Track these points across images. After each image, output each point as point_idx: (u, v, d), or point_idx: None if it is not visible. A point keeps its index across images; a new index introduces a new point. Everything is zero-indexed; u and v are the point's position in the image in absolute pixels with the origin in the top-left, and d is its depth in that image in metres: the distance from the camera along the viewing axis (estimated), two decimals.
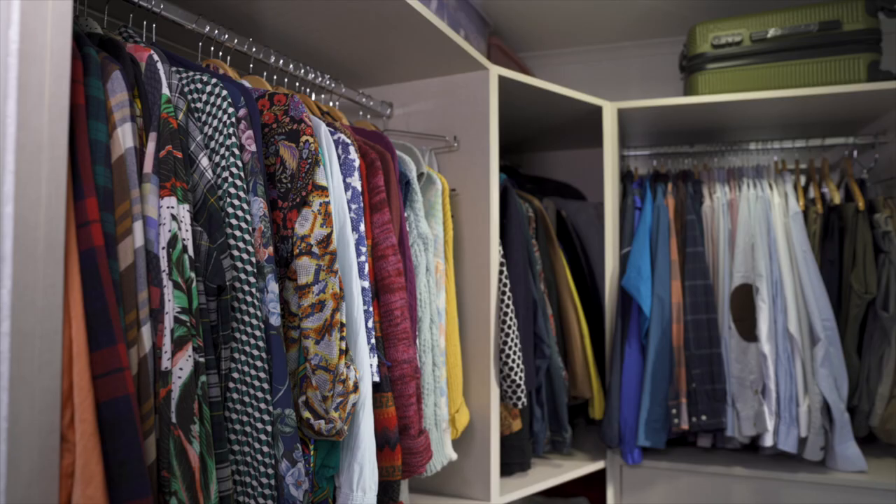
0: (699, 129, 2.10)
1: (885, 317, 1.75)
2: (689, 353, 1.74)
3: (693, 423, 1.72)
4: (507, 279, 1.60)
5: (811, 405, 1.69)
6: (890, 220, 1.77)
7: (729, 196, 1.87)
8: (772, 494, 1.75)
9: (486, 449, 1.57)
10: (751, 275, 1.76)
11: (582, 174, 2.39)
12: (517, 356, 1.57)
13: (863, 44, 1.77)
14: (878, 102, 1.81)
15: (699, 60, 1.93)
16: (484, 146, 1.61)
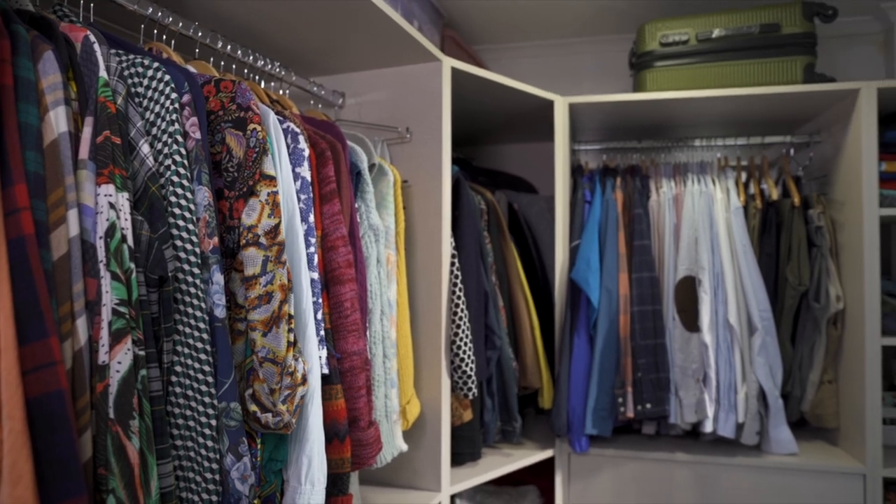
0: (647, 125, 2.15)
1: (816, 308, 1.84)
2: (636, 344, 1.78)
3: (638, 412, 1.78)
4: (459, 271, 1.61)
5: (748, 392, 1.76)
6: (822, 216, 1.86)
7: (674, 191, 1.92)
8: (711, 478, 1.82)
9: (436, 440, 1.58)
10: (694, 267, 1.82)
11: (534, 167, 2.42)
12: (468, 347, 1.58)
13: (800, 47, 1.85)
14: (814, 103, 1.89)
15: (648, 58, 1.98)
16: (436, 138, 1.61)
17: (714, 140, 2.09)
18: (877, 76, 2.21)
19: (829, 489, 1.74)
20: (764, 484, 1.78)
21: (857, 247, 1.75)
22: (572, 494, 1.91)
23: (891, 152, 1.79)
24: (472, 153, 2.53)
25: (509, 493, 2.00)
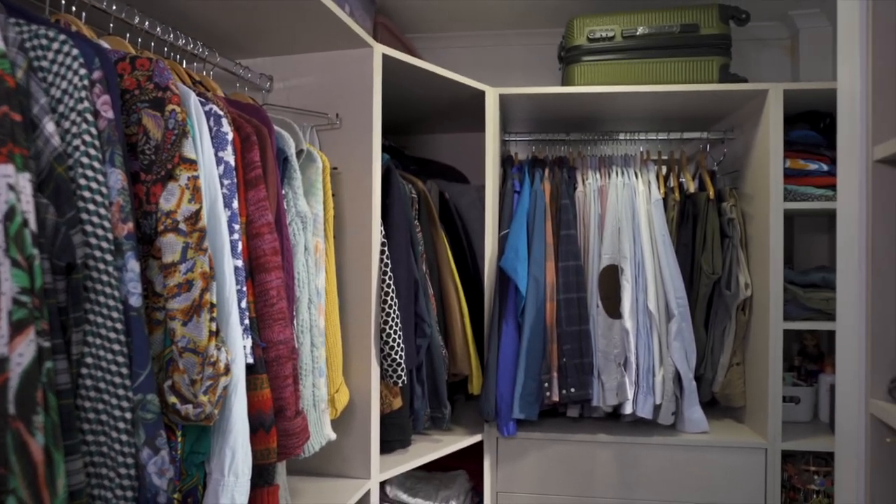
0: (575, 118, 2.21)
1: (727, 295, 1.95)
2: (561, 330, 1.84)
3: (563, 395, 1.83)
4: (389, 259, 1.60)
5: (665, 375, 1.85)
6: (734, 209, 1.97)
7: (600, 182, 1.98)
8: (631, 457, 1.91)
9: (366, 427, 1.58)
10: (617, 256, 1.89)
11: (465, 157, 2.43)
12: (398, 335, 1.59)
13: (716, 48, 1.94)
14: (728, 102, 1.99)
15: (576, 52, 2.03)
16: (367, 125, 1.59)
17: (637, 134, 2.17)
18: (784, 78, 2.35)
19: (736, 462, 1.86)
20: (678, 460, 1.89)
21: (764, 238, 1.87)
22: (500, 477, 1.95)
23: (795, 150, 1.91)
24: (405, 142, 2.53)
25: (439, 479, 2.02)
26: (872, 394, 0.98)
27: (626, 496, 1.90)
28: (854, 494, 1.03)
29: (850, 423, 1.05)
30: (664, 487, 1.89)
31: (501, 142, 2.16)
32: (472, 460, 2.02)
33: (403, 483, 1.93)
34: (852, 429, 1.04)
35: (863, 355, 1.01)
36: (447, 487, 1.96)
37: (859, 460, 1.01)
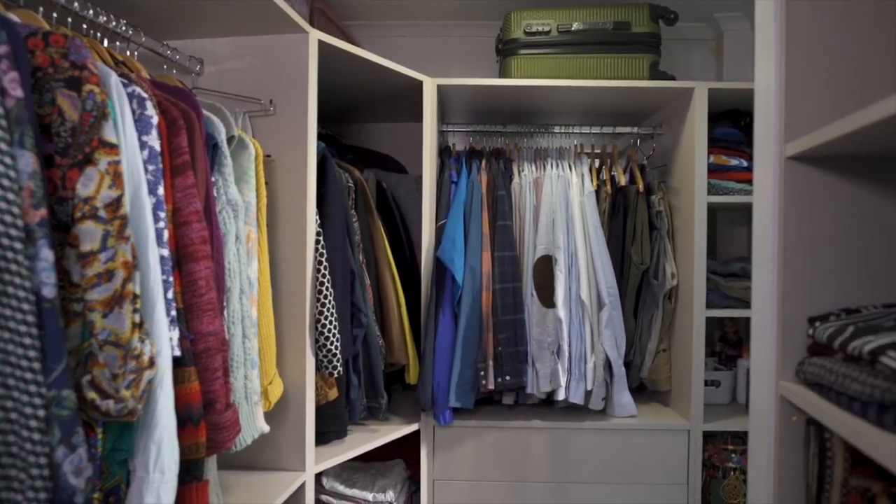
0: (512, 110, 2.24)
1: (655, 284, 2.03)
2: (497, 320, 1.87)
3: (498, 383, 1.87)
4: (324, 249, 1.58)
5: (596, 362, 1.91)
6: (662, 202, 2.05)
7: (535, 174, 2.02)
8: (563, 441, 1.96)
9: (300, 419, 1.57)
10: (551, 247, 1.93)
11: (404, 147, 2.42)
12: (333, 325, 1.57)
13: (646, 45, 2.01)
14: (657, 99, 2.07)
15: (513, 45, 2.05)
16: (302, 112, 1.56)
17: (572, 128, 2.22)
18: (709, 78, 2.46)
19: (661, 443, 1.95)
20: (608, 443, 1.96)
21: (689, 230, 1.96)
22: (437, 465, 1.97)
23: (718, 146, 2.01)
24: (342, 130, 2.49)
25: (376, 469, 2.03)
26: (782, 376, 1.05)
27: (558, 479, 1.96)
28: (764, 470, 1.10)
29: (762, 403, 1.12)
30: (595, 469, 1.96)
31: (439, 132, 2.16)
32: (410, 449, 2.03)
33: (340, 474, 1.92)
34: (764, 409, 1.11)
35: (774, 340, 1.07)
36: (384, 477, 1.97)
37: (769, 438, 1.08)
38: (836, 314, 0.99)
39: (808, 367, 0.97)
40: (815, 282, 1.04)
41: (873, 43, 1.01)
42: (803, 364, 1.00)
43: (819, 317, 1.00)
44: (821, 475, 0.96)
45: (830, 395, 0.90)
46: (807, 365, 0.98)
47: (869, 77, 1.00)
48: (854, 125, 0.80)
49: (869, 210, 1.02)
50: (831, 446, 0.96)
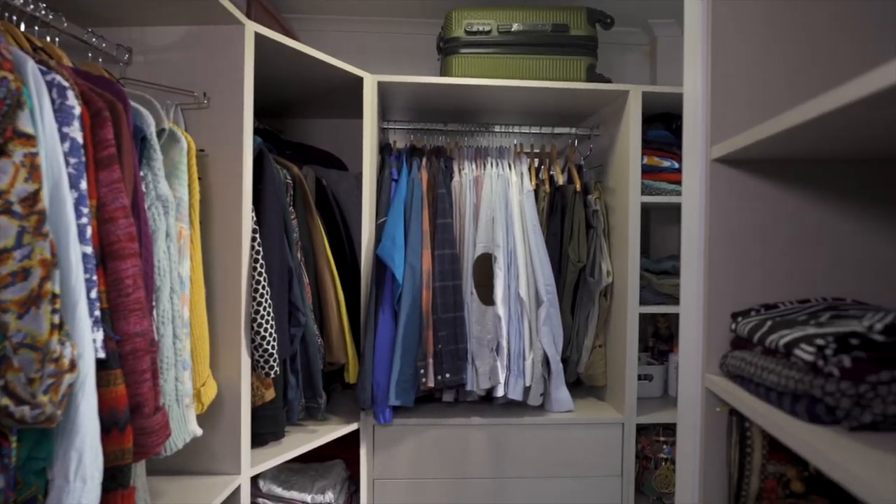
0: (453, 108, 2.25)
1: (591, 282, 2.08)
2: (437, 317, 1.87)
3: (438, 381, 1.87)
4: (261, 247, 1.55)
5: (534, 358, 1.95)
6: (598, 201, 2.11)
7: (475, 173, 2.04)
8: (502, 437, 1.99)
9: (235, 421, 1.53)
10: (491, 245, 1.95)
11: (344, 144, 2.40)
12: (270, 325, 1.54)
13: (584, 48, 2.06)
14: (594, 101, 2.12)
15: (454, 44, 2.06)
16: (237, 106, 1.52)
17: (512, 127, 2.25)
18: (643, 81, 2.54)
19: (597, 437, 2.01)
20: (546, 438, 2.00)
21: (624, 229, 2.02)
22: (377, 464, 1.96)
23: (651, 148, 2.08)
24: (280, 125, 2.44)
25: (315, 469, 2.00)
26: (707, 369, 1.10)
27: (498, 475, 1.98)
28: (691, 459, 1.15)
29: (689, 395, 1.17)
30: (533, 464, 1.99)
31: (380, 129, 2.15)
32: (350, 449, 2.02)
33: (278, 476, 1.88)
34: (691, 401, 1.16)
35: (700, 335, 1.12)
36: (323, 478, 1.94)
37: (696, 429, 1.13)
38: (757, 310, 1.04)
39: (731, 360, 1.02)
40: (738, 279, 1.09)
41: (797, 49, 1.06)
42: (726, 357, 1.05)
43: (741, 312, 1.05)
44: (741, 462, 1.01)
45: (750, 386, 0.95)
46: (729, 358, 1.03)
47: (793, 82, 1.06)
48: (769, 131, 0.85)
49: (787, 211, 1.08)
50: (751, 435, 1.01)
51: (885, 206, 1.07)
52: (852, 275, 1.07)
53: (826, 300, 1.03)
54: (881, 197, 1.07)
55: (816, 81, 1.05)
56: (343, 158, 2.36)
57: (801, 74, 1.07)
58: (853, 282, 1.07)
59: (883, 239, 1.07)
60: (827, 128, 0.78)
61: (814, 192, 1.08)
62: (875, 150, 0.96)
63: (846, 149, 0.96)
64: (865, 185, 1.07)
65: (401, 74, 1.94)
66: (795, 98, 0.76)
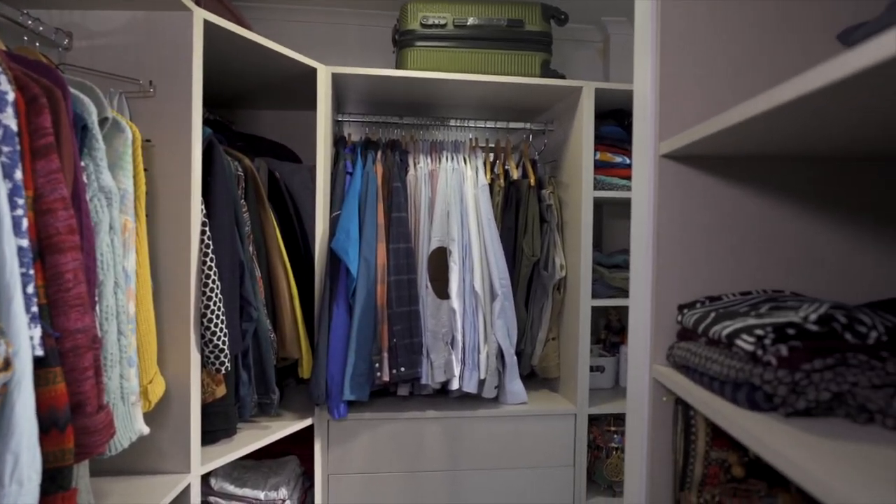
0: (409, 102, 2.24)
1: (545, 275, 2.11)
2: (392, 312, 1.87)
3: (393, 375, 1.87)
4: (211, 240, 1.51)
5: (489, 351, 1.96)
6: (552, 196, 2.13)
7: (430, 167, 2.04)
8: (457, 430, 2.00)
9: (185, 418, 1.49)
10: (445, 239, 1.95)
11: (298, 136, 2.36)
12: (221, 320, 1.51)
13: (539, 44, 2.08)
14: (548, 96, 2.14)
15: (409, 37, 2.04)
16: (185, 95, 1.48)
17: (467, 122, 2.25)
18: (597, 78, 2.58)
19: (550, 428, 2.04)
20: (501, 430, 2.02)
21: (577, 223, 2.05)
22: (331, 459, 1.95)
23: (604, 144, 2.12)
24: (231, 116, 2.38)
25: (268, 466, 1.97)
26: (655, 360, 1.13)
27: (453, 467, 2.00)
28: (639, 447, 1.18)
29: (638, 386, 1.20)
30: (487, 456, 2.01)
31: (334, 122, 2.13)
32: (305, 445, 2.00)
33: (230, 473, 1.85)
34: (639, 391, 1.19)
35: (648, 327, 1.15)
36: (277, 474, 1.91)
37: (644, 418, 1.16)
38: (702, 301, 1.08)
39: (677, 350, 1.05)
40: (685, 272, 1.12)
41: (743, 49, 1.10)
42: (673, 348, 1.08)
43: (687, 304, 1.09)
44: (686, 449, 1.05)
45: (695, 376, 0.98)
46: (676, 349, 1.06)
47: (739, 81, 1.10)
48: (711, 129, 0.87)
49: (732, 205, 1.12)
50: (695, 423, 1.04)
51: (824, 203, 1.12)
52: (792, 267, 1.12)
53: (766, 292, 1.07)
54: (821, 193, 1.12)
55: (761, 81, 1.08)
56: (297, 151, 2.32)
57: (746, 73, 1.10)
58: (793, 274, 1.12)
59: (821, 233, 1.12)
60: (765, 126, 0.81)
61: (757, 188, 1.12)
62: (815, 148, 1.00)
63: (787, 146, 0.99)
64: (806, 182, 1.12)
65: (355, 66, 1.92)
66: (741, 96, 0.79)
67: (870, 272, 1.12)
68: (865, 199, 1.12)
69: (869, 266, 1.12)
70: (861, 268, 1.12)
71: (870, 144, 0.96)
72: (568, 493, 2.06)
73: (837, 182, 1.11)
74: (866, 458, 0.64)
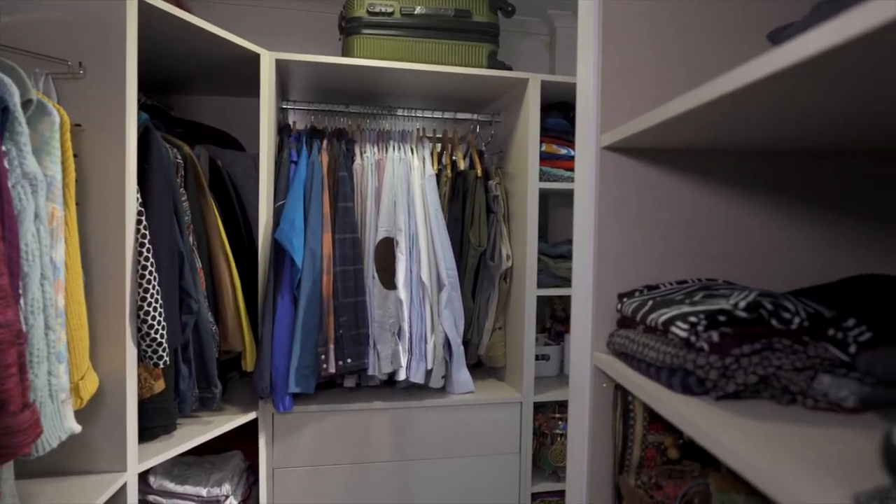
0: (355, 90, 2.21)
1: (491, 265, 2.13)
2: (338, 303, 1.85)
3: (339, 367, 1.85)
4: (147, 230, 1.46)
5: (436, 342, 1.97)
6: (499, 186, 2.15)
7: (377, 156, 2.02)
8: (404, 420, 2.00)
9: (120, 415, 1.44)
10: (392, 229, 1.94)
11: (242, 123, 2.29)
12: (158, 313, 1.46)
13: (485, 35, 2.08)
14: (495, 87, 2.16)
15: (356, 24, 2.02)
16: (119, 78, 1.41)
17: (414, 111, 2.24)
18: (543, 70, 2.61)
19: (497, 416, 2.07)
20: (448, 419, 2.03)
21: (523, 214, 2.08)
22: (277, 453, 1.92)
23: (550, 136, 2.14)
24: (171, 102, 2.29)
25: (211, 462, 1.92)
26: (596, 347, 1.15)
27: (400, 458, 2.00)
28: (580, 433, 1.21)
29: (580, 373, 1.23)
30: (435, 445, 2.03)
31: (279, 109, 2.08)
32: (249, 439, 1.96)
33: (170, 471, 1.79)
34: (581, 378, 1.22)
35: (590, 315, 1.18)
36: (220, 470, 1.87)
37: (585, 404, 1.19)
38: (641, 290, 1.11)
39: (617, 338, 1.08)
40: (625, 261, 1.15)
41: (681, 46, 1.13)
42: (613, 336, 1.11)
43: (626, 293, 1.12)
44: (625, 434, 1.08)
45: (633, 362, 1.01)
46: (615, 336, 1.09)
47: (675, 77, 1.13)
48: (646, 123, 0.90)
49: (670, 196, 1.15)
50: (634, 408, 1.07)
51: (755, 194, 1.17)
52: (726, 256, 1.17)
53: (701, 280, 1.12)
54: (753, 185, 1.17)
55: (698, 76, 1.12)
56: (240, 139, 2.26)
57: (683, 69, 1.14)
58: (727, 262, 1.17)
59: (754, 223, 1.17)
60: (696, 121, 0.84)
61: (694, 180, 1.16)
62: (747, 141, 1.04)
63: (720, 140, 1.03)
64: (739, 174, 1.16)
65: (301, 53, 1.88)
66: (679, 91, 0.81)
67: (797, 261, 1.17)
68: (793, 190, 1.17)
69: (797, 255, 1.17)
70: (789, 256, 1.17)
71: (793, 141, 1.01)
72: (514, 479, 2.09)
73: (769, 174, 1.16)
74: (788, 437, 0.67)
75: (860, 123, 0.83)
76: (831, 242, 1.18)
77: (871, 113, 0.75)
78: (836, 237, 1.18)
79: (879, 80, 0.59)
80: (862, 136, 0.95)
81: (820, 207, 1.18)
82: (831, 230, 1.18)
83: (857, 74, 0.56)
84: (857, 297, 0.97)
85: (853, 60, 0.52)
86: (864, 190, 1.18)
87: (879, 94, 0.64)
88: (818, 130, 0.90)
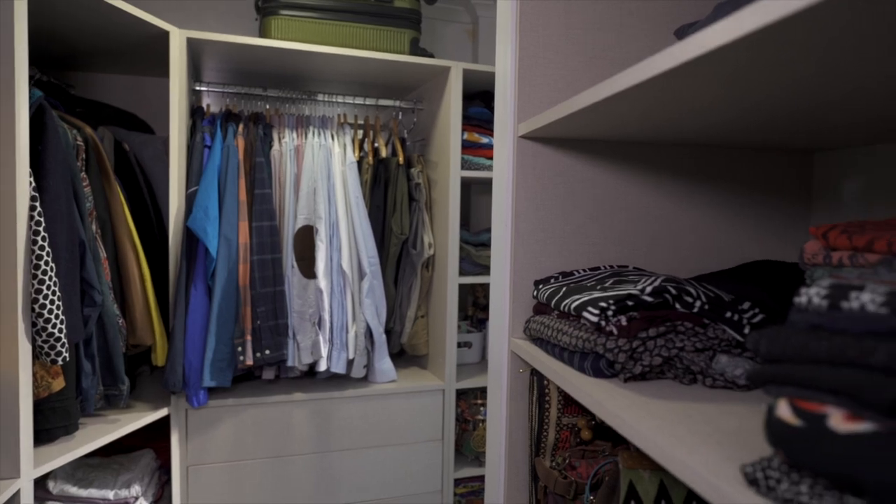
0: (274, 73, 2.13)
1: (413, 254, 2.13)
2: (255, 293, 1.79)
3: (257, 358, 1.80)
4: (42, 217, 1.35)
5: (357, 331, 1.95)
6: (421, 174, 2.15)
7: (296, 142, 1.96)
8: (326, 411, 1.98)
9: (13, 417, 1.33)
10: (312, 217, 1.90)
11: (151, 104, 2.17)
12: (56, 306, 1.36)
13: (408, 21, 2.06)
14: (417, 74, 2.14)
15: (273, 5, 1.94)
16: (6, 52, 1.30)
17: (336, 97, 2.19)
18: (466, 59, 2.62)
19: (420, 404, 2.08)
20: (371, 409, 2.02)
21: (445, 202, 2.08)
22: (191, 450, 1.85)
23: (472, 124, 2.16)
24: (71, 79, 2.14)
25: (119, 462, 1.82)
26: (513, 334, 1.18)
27: (321, 449, 1.97)
28: (499, 417, 1.23)
29: (498, 359, 1.25)
30: (357, 436, 2.01)
31: (192, 91, 1.98)
32: (162, 436, 1.87)
33: (73, 474, 1.69)
34: (499, 364, 1.24)
35: (507, 302, 1.20)
36: (129, 470, 1.78)
37: (503, 390, 1.21)
38: (556, 277, 1.14)
39: (532, 324, 1.11)
40: (542, 249, 1.18)
41: (594, 40, 1.16)
42: (529, 322, 1.13)
43: (542, 280, 1.14)
44: (541, 417, 1.11)
45: (548, 347, 1.03)
46: (531, 323, 1.11)
47: (590, 69, 1.16)
48: (559, 114, 0.92)
49: (584, 185, 1.19)
50: (549, 392, 1.10)
51: (665, 183, 1.22)
52: (637, 243, 1.21)
53: (613, 267, 1.16)
54: (662, 175, 1.22)
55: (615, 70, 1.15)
56: (149, 121, 2.14)
57: (596, 63, 1.17)
58: (638, 249, 1.21)
59: (666, 211, 1.22)
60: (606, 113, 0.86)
61: (608, 168, 1.19)
62: (655, 133, 1.08)
63: (629, 131, 1.07)
64: (649, 164, 1.21)
65: (216, 32, 1.80)
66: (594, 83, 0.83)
67: (703, 246, 1.24)
68: (700, 179, 1.23)
69: (702, 240, 1.24)
70: (696, 242, 1.24)
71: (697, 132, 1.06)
72: (436, 466, 2.11)
73: (677, 164, 1.22)
74: (688, 414, 0.71)
75: (759, 115, 0.88)
76: (732, 226, 1.25)
77: (768, 107, 0.80)
78: (739, 222, 1.26)
79: (771, 74, 0.62)
80: (760, 128, 1.01)
81: (727, 195, 1.25)
82: (733, 216, 1.25)
83: (756, 67, 0.59)
84: (754, 281, 1.04)
85: (748, 56, 0.55)
86: (768, 178, 1.26)
87: (770, 88, 0.68)
88: (718, 121, 0.94)
